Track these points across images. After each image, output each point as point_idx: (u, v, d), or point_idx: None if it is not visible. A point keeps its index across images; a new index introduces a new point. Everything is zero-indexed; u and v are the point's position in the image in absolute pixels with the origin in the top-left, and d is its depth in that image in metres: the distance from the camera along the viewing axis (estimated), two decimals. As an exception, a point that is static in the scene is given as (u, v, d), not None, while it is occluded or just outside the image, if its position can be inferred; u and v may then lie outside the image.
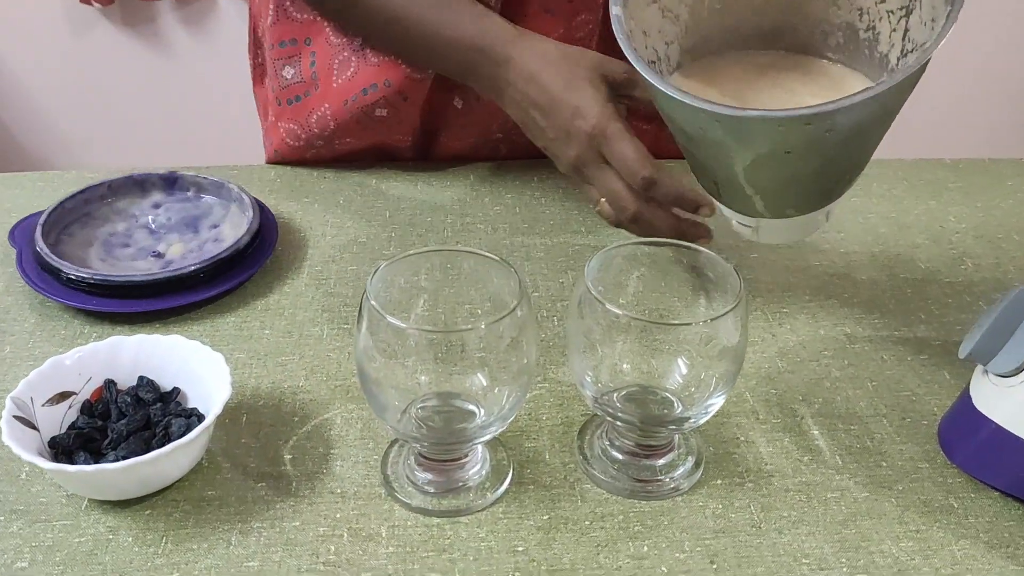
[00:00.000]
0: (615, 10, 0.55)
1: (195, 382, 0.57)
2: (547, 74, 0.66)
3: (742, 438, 0.59)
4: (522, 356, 0.51)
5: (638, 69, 0.52)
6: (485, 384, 0.52)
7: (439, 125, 0.88)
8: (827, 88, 0.56)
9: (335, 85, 0.83)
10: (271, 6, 0.83)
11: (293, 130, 0.86)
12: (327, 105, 0.83)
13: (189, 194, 0.78)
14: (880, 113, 0.49)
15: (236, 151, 1.32)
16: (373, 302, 0.48)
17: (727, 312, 0.49)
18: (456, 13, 0.71)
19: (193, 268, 0.68)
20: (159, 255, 0.73)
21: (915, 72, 0.47)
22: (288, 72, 0.84)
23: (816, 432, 0.60)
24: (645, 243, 0.56)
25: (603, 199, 0.67)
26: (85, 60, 2.09)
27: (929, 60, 0.47)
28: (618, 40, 0.53)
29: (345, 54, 0.82)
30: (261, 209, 0.75)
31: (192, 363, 0.57)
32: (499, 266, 0.52)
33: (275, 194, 0.84)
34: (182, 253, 0.73)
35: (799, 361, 0.66)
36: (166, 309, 0.67)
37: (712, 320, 0.49)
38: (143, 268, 0.71)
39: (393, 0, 0.73)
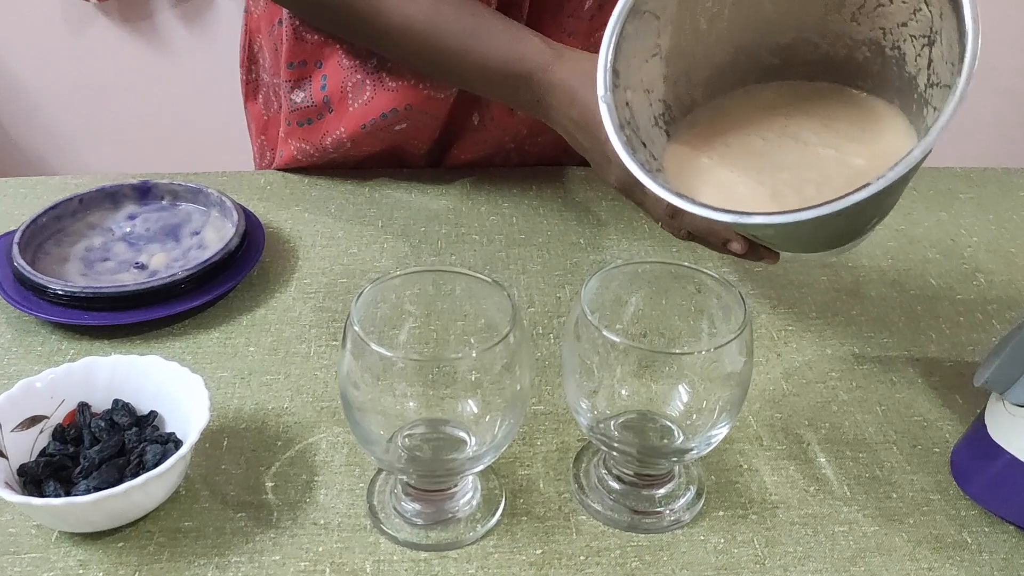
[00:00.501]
0: (603, 96, 0.49)
1: (173, 405, 0.54)
2: (589, 96, 0.63)
3: (745, 466, 0.56)
4: (515, 382, 0.48)
5: (632, 171, 0.47)
6: (476, 411, 0.50)
7: (455, 138, 0.85)
8: (846, 137, 0.51)
9: (351, 109, 0.79)
10: (286, 29, 0.79)
11: (305, 149, 0.83)
12: (343, 129, 0.80)
13: (164, 202, 0.75)
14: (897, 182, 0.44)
15: (234, 147, 1.30)
16: (357, 328, 0.46)
17: (732, 339, 0.46)
18: (489, 37, 0.66)
19: (181, 275, 0.65)
20: (142, 266, 0.70)
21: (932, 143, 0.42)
22: (298, 96, 0.80)
23: (823, 460, 0.57)
24: (646, 263, 0.53)
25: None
26: (81, 56, 2.06)
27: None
28: (608, 135, 0.48)
29: (359, 76, 0.78)
30: (246, 214, 0.73)
31: (170, 385, 0.54)
32: (491, 288, 0.50)
33: (264, 202, 0.81)
34: (166, 263, 0.71)
35: (805, 383, 0.63)
36: (149, 322, 0.65)
37: (716, 349, 0.47)
38: (127, 280, 0.69)
39: (416, 20, 0.67)
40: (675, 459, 0.52)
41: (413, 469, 0.50)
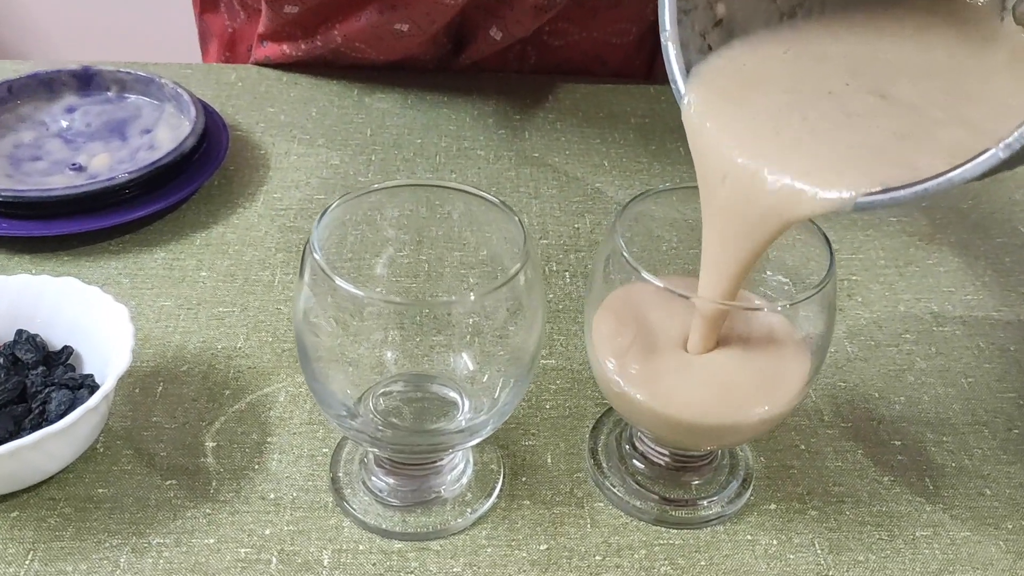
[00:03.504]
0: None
1: (93, 341, 0.43)
2: None
3: (802, 446, 0.45)
4: (524, 332, 0.37)
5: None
6: (472, 368, 0.39)
7: (464, 46, 0.72)
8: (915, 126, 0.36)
9: (343, 18, 0.67)
10: None
11: (285, 51, 0.71)
12: (337, 30, 0.68)
13: (110, 94, 0.63)
14: None
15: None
16: (318, 256, 0.34)
17: (814, 294, 0.35)
18: None
19: (122, 178, 0.54)
20: (80, 168, 0.58)
21: None
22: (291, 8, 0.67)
23: (897, 443, 0.46)
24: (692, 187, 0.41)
25: None
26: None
27: None
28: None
29: None
30: (207, 111, 0.61)
31: (89, 315, 0.43)
32: (498, 212, 0.38)
33: (233, 100, 0.69)
34: (109, 165, 0.59)
35: (873, 345, 0.52)
36: (81, 235, 0.54)
37: (793, 304, 0.35)
38: (61, 183, 0.57)
39: None
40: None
41: (387, 441, 0.39)
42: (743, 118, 0.34)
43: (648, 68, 0.78)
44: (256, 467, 0.42)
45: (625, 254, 0.36)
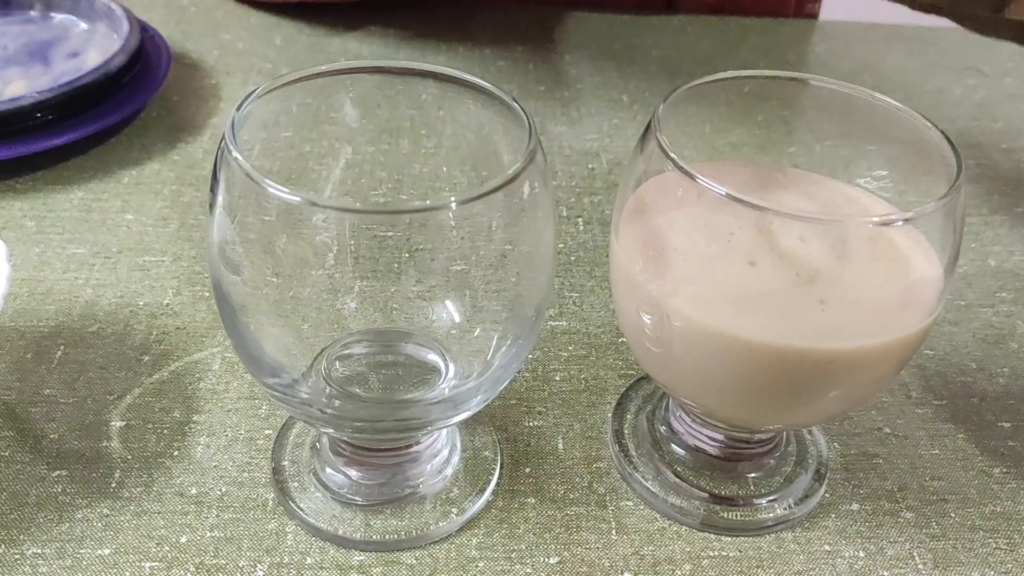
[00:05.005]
0: None
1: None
2: None
3: (887, 429, 0.35)
4: (529, 271, 0.27)
5: None
6: (459, 319, 0.29)
7: None
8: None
9: None
10: None
11: None
12: None
13: (33, 13, 0.53)
14: None
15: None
16: (237, 155, 0.24)
17: (936, 207, 0.25)
18: None
19: (32, 99, 0.43)
20: (-10, 96, 0.48)
21: None
22: None
23: (1006, 425, 0.36)
24: (757, 76, 0.31)
25: None
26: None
27: None
28: None
29: None
30: (143, 29, 0.51)
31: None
32: (494, 104, 0.28)
33: (184, 25, 0.58)
34: (27, 93, 0.48)
35: (965, 307, 0.42)
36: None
37: (906, 221, 0.25)
38: (-32, 113, 0.47)
39: None
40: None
41: (347, 418, 0.28)
42: None
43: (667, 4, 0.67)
44: (175, 454, 0.32)
45: (670, 152, 0.26)
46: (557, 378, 0.36)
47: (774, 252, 0.27)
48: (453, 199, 0.23)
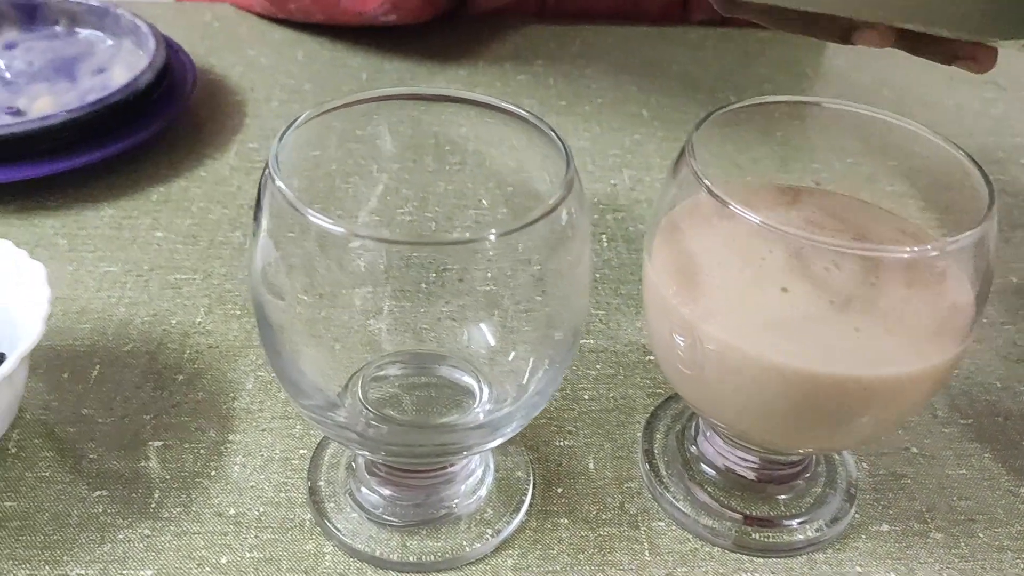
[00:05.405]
0: None
1: (4, 309, 0.34)
2: None
3: (914, 449, 0.36)
4: (565, 294, 0.27)
5: None
6: (494, 342, 0.29)
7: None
8: None
9: None
10: None
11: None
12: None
13: (58, 28, 0.54)
14: None
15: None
16: (280, 184, 0.24)
17: (968, 236, 0.25)
18: None
19: (61, 118, 0.44)
20: (17, 112, 0.49)
21: None
22: None
23: (1033, 444, 0.36)
24: (787, 101, 0.31)
25: None
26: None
27: None
28: None
29: None
30: (169, 46, 0.51)
31: (2, 277, 0.34)
32: (533, 133, 0.28)
33: (207, 40, 0.59)
34: (53, 110, 0.49)
35: (988, 324, 0.42)
36: (8, 186, 0.44)
37: (946, 250, 0.25)
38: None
39: None
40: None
41: (382, 441, 0.29)
42: None
43: (682, 11, 0.68)
44: (212, 474, 0.33)
45: (704, 180, 0.26)
46: (586, 397, 0.37)
47: (807, 278, 0.28)
48: (493, 231, 0.24)
